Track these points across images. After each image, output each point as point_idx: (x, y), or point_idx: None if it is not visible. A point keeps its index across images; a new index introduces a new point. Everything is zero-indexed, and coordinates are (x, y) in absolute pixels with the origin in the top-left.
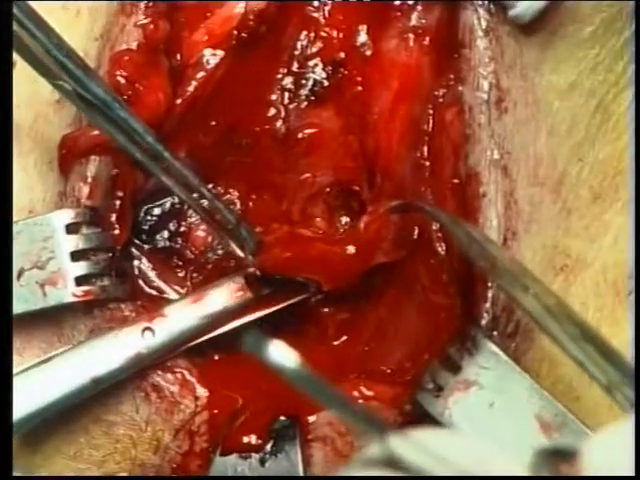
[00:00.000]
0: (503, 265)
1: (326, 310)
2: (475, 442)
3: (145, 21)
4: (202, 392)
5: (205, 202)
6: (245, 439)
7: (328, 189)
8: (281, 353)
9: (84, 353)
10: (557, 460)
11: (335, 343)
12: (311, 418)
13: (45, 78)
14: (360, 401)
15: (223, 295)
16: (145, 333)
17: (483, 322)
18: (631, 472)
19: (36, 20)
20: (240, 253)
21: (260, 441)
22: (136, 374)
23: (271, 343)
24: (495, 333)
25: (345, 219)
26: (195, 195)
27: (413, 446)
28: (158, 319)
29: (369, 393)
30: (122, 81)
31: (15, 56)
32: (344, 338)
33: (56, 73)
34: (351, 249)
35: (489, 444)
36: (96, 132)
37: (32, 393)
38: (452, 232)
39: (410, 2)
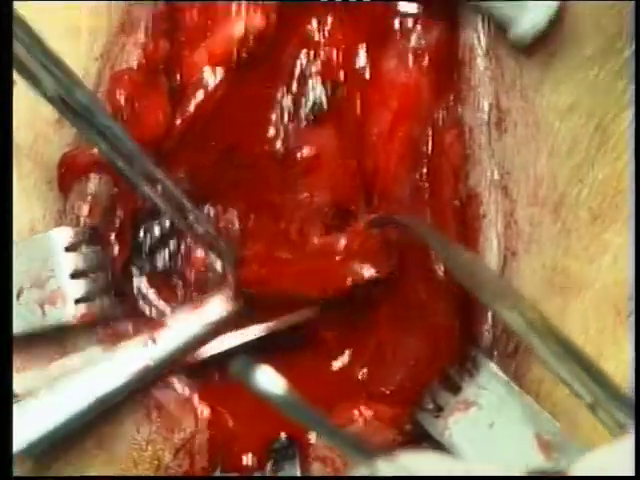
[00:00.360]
0: (486, 280)
1: (325, 331)
2: (462, 464)
3: (145, 40)
4: (202, 411)
5: (187, 214)
6: (245, 459)
7: (326, 209)
8: (268, 379)
9: (88, 372)
10: None
11: (335, 364)
12: (311, 438)
13: (29, 83)
14: (360, 420)
15: (223, 301)
16: (148, 343)
17: (483, 342)
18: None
19: (21, 24)
20: (219, 266)
21: (260, 461)
22: (137, 392)
23: (258, 368)
24: (495, 353)
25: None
26: (175, 206)
27: (400, 469)
28: (160, 329)
29: (369, 413)
30: (122, 100)
31: (15, 76)
32: (344, 359)
33: (40, 78)
34: (332, 261)
35: (476, 465)
36: (95, 150)
37: (38, 417)
38: (432, 245)
39: (409, 22)
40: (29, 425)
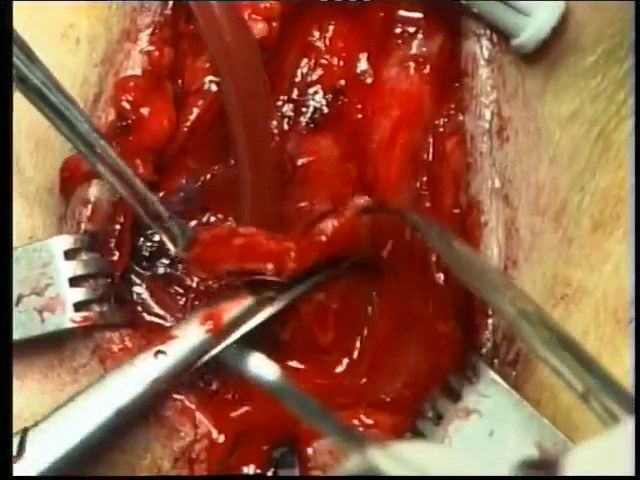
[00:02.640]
0: (478, 269)
1: (325, 340)
2: (454, 453)
3: (150, 48)
4: (202, 419)
5: (140, 194)
6: (245, 469)
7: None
8: (261, 365)
9: (103, 387)
10: (539, 472)
11: (334, 372)
12: (311, 446)
13: None
14: (360, 429)
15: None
16: (158, 356)
17: (484, 350)
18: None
19: None
20: (172, 248)
21: (260, 471)
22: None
23: (251, 355)
24: (496, 361)
25: None
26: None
27: (392, 458)
28: (169, 341)
29: (369, 421)
30: (127, 106)
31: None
32: (343, 367)
33: None
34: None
35: (467, 456)
36: None
37: (60, 436)
38: (425, 235)
39: (411, 30)
40: (49, 447)
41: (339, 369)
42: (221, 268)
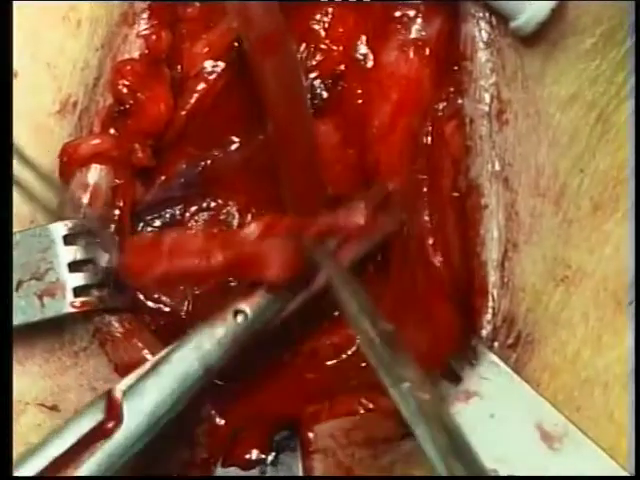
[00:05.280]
0: (381, 344)
1: (328, 325)
2: None
3: (147, 32)
4: (203, 403)
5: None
6: (247, 455)
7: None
8: None
9: (189, 346)
10: None
11: (335, 354)
12: (312, 430)
13: None
14: (361, 411)
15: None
16: (238, 316)
17: (484, 333)
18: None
19: None
20: (104, 260)
21: (262, 455)
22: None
23: None
24: (496, 344)
25: None
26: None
27: None
28: (248, 300)
29: (370, 405)
30: (124, 90)
31: (16, 67)
32: (346, 352)
33: None
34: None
35: None
36: (97, 141)
37: (150, 396)
38: (338, 292)
39: (410, 14)
40: (144, 410)
41: (343, 352)
42: (155, 272)
